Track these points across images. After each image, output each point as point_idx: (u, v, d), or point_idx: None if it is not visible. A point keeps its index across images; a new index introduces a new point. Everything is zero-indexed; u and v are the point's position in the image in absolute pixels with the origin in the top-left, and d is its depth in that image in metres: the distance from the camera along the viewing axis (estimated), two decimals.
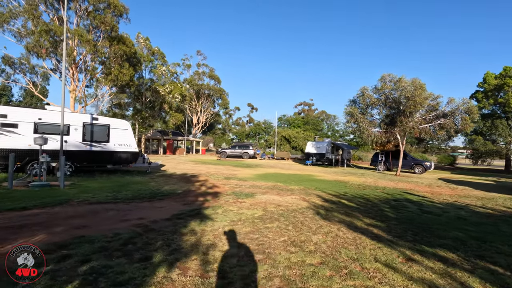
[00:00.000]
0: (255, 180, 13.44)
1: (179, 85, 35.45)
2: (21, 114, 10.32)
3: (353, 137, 44.87)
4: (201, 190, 9.80)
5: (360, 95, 19.23)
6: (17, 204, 6.48)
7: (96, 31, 21.40)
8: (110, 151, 12.22)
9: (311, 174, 17.61)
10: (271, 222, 5.82)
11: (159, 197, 8.07)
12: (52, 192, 8.04)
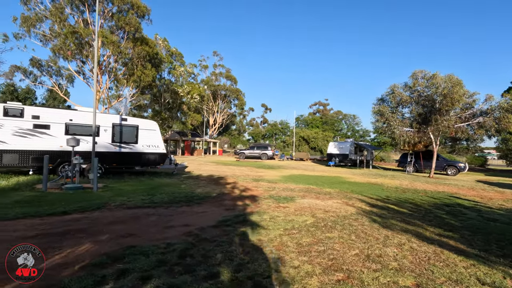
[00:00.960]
0: (285, 182, 12.90)
1: (197, 85, 35.37)
2: (53, 115, 10.20)
3: (374, 137, 43.57)
4: (236, 193, 9.36)
5: (390, 93, 18.34)
6: (56, 209, 6.21)
7: (119, 32, 21.50)
8: (139, 153, 11.98)
9: (339, 176, 16.90)
10: (329, 231, 5.26)
11: (196, 201, 7.66)
12: (87, 196, 7.78)
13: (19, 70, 21.42)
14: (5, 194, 7.52)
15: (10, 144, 9.40)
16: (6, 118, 9.37)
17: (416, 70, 17.60)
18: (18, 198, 7.15)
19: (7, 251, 3.61)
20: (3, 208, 6.09)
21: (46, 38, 20.34)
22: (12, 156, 9.39)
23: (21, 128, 9.59)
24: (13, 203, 6.61)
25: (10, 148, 9.38)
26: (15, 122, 9.51)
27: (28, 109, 9.82)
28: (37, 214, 5.77)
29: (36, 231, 4.82)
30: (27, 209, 6.12)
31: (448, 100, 15.47)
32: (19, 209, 6.10)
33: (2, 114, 9.32)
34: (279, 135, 55.57)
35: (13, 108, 9.52)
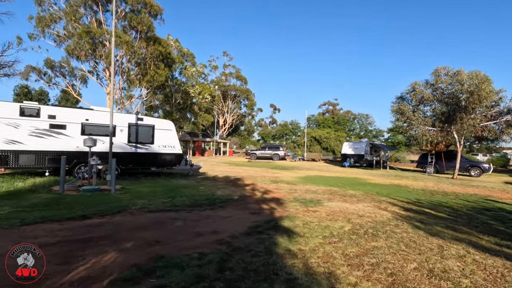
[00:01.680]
0: (305, 183, 12.40)
1: (208, 85, 35.13)
2: (69, 114, 9.96)
3: (388, 137, 42.54)
4: (258, 195, 8.92)
5: (410, 90, 17.62)
6: (75, 212, 5.88)
7: (132, 32, 21.37)
8: (155, 153, 11.66)
9: (358, 177, 16.29)
10: (373, 239, 4.76)
11: (219, 204, 7.25)
12: (105, 198, 7.45)
13: (34, 70, 21.53)
14: (23, 196, 7.26)
15: (27, 144, 9.18)
16: (22, 118, 9.16)
17: (439, 67, 16.85)
18: (36, 200, 6.87)
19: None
20: (21, 212, 5.79)
21: (60, 39, 20.36)
22: (28, 156, 9.17)
23: (37, 128, 9.37)
24: (31, 206, 6.32)
25: (26, 149, 9.17)
26: (32, 122, 9.30)
27: (45, 108, 9.60)
28: (56, 218, 5.44)
29: (57, 237, 4.48)
30: (45, 212, 5.81)
31: (475, 98, 14.68)
32: (37, 212, 5.79)
33: (19, 114, 9.12)
34: (290, 135, 54.90)
35: (29, 107, 9.31)
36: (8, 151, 8.90)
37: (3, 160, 8.81)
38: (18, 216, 5.47)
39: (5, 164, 8.88)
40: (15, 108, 9.09)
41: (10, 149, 8.93)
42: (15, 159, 9.00)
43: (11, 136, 8.95)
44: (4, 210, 5.84)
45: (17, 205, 6.36)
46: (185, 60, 33.73)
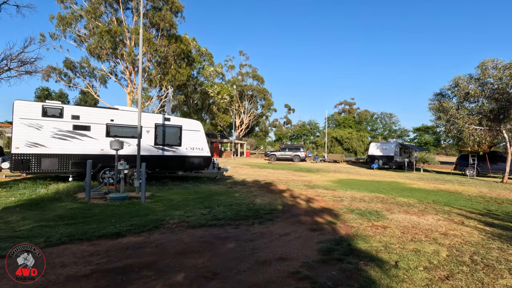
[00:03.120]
0: (344, 189, 11.24)
1: (226, 85, 34.32)
2: (93, 115, 9.21)
3: (414, 137, 40.49)
4: (302, 205, 7.87)
5: (453, 86, 16.11)
6: (106, 227, 5.00)
7: (152, 30, 20.76)
8: (182, 156, 10.79)
9: (397, 181, 14.95)
10: (494, 273, 3.62)
11: (266, 217, 6.24)
12: (136, 208, 6.58)
13: (54, 71, 21.30)
14: (46, 206, 6.48)
15: (49, 147, 8.48)
16: (45, 118, 8.46)
17: (486, 59, 15.29)
18: (60, 211, 6.06)
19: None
20: (45, 227, 4.96)
21: (80, 39, 20.00)
22: (51, 160, 8.47)
23: (60, 129, 8.65)
24: (55, 219, 5.50)
25: (49, 152, 8.46)
26: (54, 123, 8.59)
27: (68, 108, 8.89)
28: (86, 236, 4.57)
29: (90, 265, 3.58)
30: (72, 228, 4.95)
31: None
32: (63, 228, 4.94)
33: (41, 114, 8.42)
34: (308, 135, 53.46)
35: (52, 107, 8.61)
36: (30, 154, 8.21)
37: (25, 165, 8.12)
38: (41, 233, 4.64)
39: (27, 169, 8.19)
40: (38, 108, 8.40)
41: (32, 153, 8.24)
42: (37, 163, 8.30)
43: (33, 138, 8.26)
44: (26, 225, 5.03)
45: (40, 217, 5.55)
46: (203, 59, 33.05)
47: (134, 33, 18.45)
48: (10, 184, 8.83)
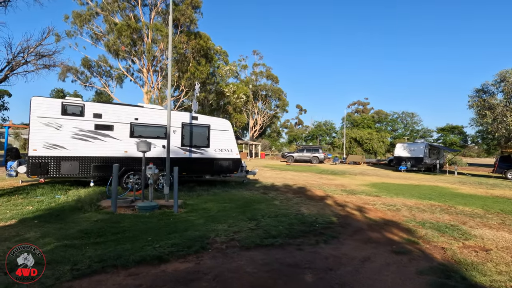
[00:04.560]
0: (387, 195, 10.08)
1: (242, 85, 33.40)
2: (116, 113, 8.35)
3: (437, 137, 38.64)
4: (356, 215, 6.78)
5: (498, 81, 14.68)
6: (143, 248, 4.05)
7: None
8: (210, 158, 9.83)
9: (439, 186, 13.66)
10: None
11: (328, 233, 5.18)
12: (171, 221, 5.61)
13: (71, 70, 20.82)
14: (67, 217, 5.59)
15: (70, 149, 7.64)
16: (64, 117, 7.63)
17: None
18: (85, 225, 5.14)
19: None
20: (70, 247, 4.03)
21: (97, 36, 19.45)
22: (71, 164, 7.62)
23: (81, 129, 7.81)
24: (80, 235, 4.58)
25: (69, 155, 7.62)
26: (75, 122, 7.75)
27: (89, 106, 8.04)
28: (121, 261, 3.61)
29: None
30: (102, 249, 4.01)
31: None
32: (91, 249, 4.01)
33: (60, 112, 7.59)
34: (324, 136, 52.00)
35: (72, 104, 7.77)
36: (48, 157, 7.38)
37: (43, 169, 7.30)
38: (66, 256, 3.71)
39: (45, 174, 7.35)
40: (57, 106, 7.57)
41: (51, 155, 7.40)
42: (56, 167, 7.47)
43: (52, 139, 7.43)
44: (47, 245, 4.11)
45: (62, 233, 4.64)
46: (218, 58, 32.23)
47: (154, 29, 17.69)
48: (27, 189, 8.04)
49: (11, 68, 13.67)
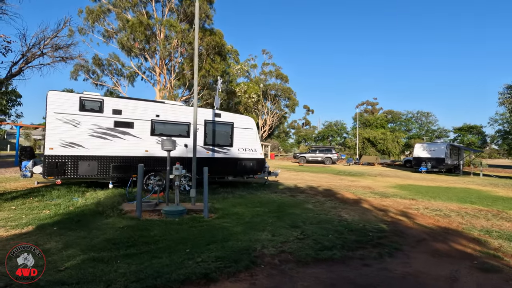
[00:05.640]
0: (424, 198, 9.36)
1: (253, 84, 32.79)
2: (137, 109, 7.77)
3: (454, 137, 37.40)
4: (405, 222, 6.09)
5: None
6: (184, 263, 3.43)
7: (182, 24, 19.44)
8: (234, 158, 9.21)
9: (472, 188, 12.85)
10: None
11: (389, 245, 4.50)
12: (205, 228, 4.98)
13: (82, 68, 20.46)
14: (90, 224, 5.01)
15: (88, 148, 7.08)
16: (82, 113, 7.08)
17: None
18: (110, 233, 4.55)
19: None
20: (99, 262, 3.43)
21: (108, 34, 19.04)
22: (90, 164, 7.07)
23: (100, 126, 7.25)
24: (108, 246, 3.98)
25: (87, 154, 7.07)
26: (93, 119, 7.20)
27: (109, 101, 7.48)
28: (162, 281, 3.01)
29: None
30: (137, 264, 3.40)
31: None
32: (123, 263, 3.40)
33: (78, 108, 7.05)
34: (334, 136, 51.05)
35: (91, 100, 7.22)
36: (65, 156, 6.83)
37: (60, 169, 6.75)
38: (96, 274, 3.10)
39: (62, 174, 6.81)
40: (74, 101, 7.02)
41: (68, 155, 6.86)
42: (74, 167, 6.92)
43: (70, 137, 6.88)
44: (71, 258, 3.51)
45: (87, 243, 4.05)
46: (229, 57, 31.68)
47: (167, 25, 17.16)
48: (41, 191, 7.51)
49: (26, 60, 13.19)
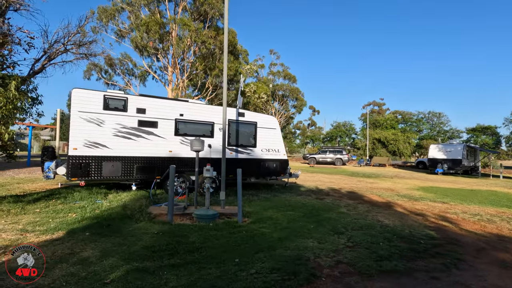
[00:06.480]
0: (455, 201, 8.96)
1: (262, 84, 32.45)
2: (161, 108, 7.49)
3: (467, 138, 36.68)
4: (449, 227, 5.72)
5: None
6: (237, 277, 3.12)
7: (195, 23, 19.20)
8: (257, 159, 8.88)
9: (498, 191, 12.39)
10: None
11: (446, 254, 4.15)
12: (245, 235, 4.66)
13: (95, 68, 20.34)
14: (121, 229, 4.71)
15: (112, 148, 6.81)
16: (106, 112, 6.81)
17: None
18: (147, 239, 4.24)
19: None
20: (145, 273, 3.12)
21: (121, 33, 18.88)
22: (114, 165, 6.79)
23: (124, 126, 6.98)
24: (148, 254, 3.67)
25: (112, 154, 6.79)
26: (117, 118, 6.93)
27: (132, 100, 7.20)
28: None
29: None
30: (185, 276, 3.10)
31: None
32: (171, 275, 3.09)
33: (102, 106, 6.78)
34: (343, 137, 50.45)
35: (115, 98, 6.95)
36: (89, 157, 6.55)
37: (84, 170, 6.47)
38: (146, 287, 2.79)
39: (86, 176, 6.53)
40: (99, 99, 6.75)
41: (92, 155, 6.58)
42: (98, 168, 6.64)
43: (94, 137, 6.61)
44: (114, 269, 3.21)
45: (126, 251, 3.74)
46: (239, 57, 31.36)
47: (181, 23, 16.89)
48: (63, 193, 7.26)
49: (49, 57, 12.98)
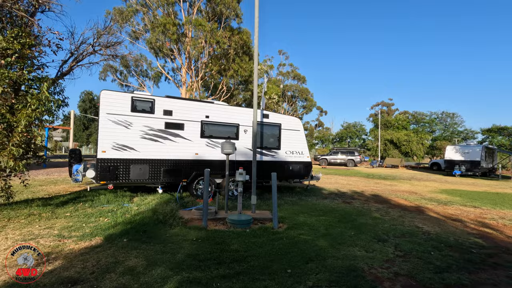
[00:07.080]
0: (481, 204, 8.67)
1: (273, 85, 32.25)
2: (187, 110, 7.36)
3: (482, 139, 35.86)
4: (495, 234, 5.46)
5: None
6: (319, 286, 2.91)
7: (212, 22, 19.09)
8: (282, 162, 8.70)
9: None
10: None
11: (506, 265, 3.89)
12: (286, 242, 4.48)
13: (111, 69, 20.46)
14: (159, 235, 4.57)
15: (140, 151, 6.70)
16: (134, 114, 6.71)
17: None
18: (188, 247, 4.09)
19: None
20: (196, 284, 2.96)
21: (135, 35, 18.92)
22: (141, 168, 6.68)
23: (151, 128, 6.87)
24: (195, 263, 3.52)
25: (139, 157, 6.68)
26: (145, 120, 6.82)
27: (159, 101, 7.09)
28: None
29: None
30: None
31: None
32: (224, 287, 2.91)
33: (130, 108, 6.68)
34: (353, 138, 49.92)
35: (142, 99, 6.84)
36: (118, 160, 6.46)
37: (112, 173, 6.38)
38: None
39: (114, 179, 6.43)
40: (126, 101, 6.65)
41: (120, 158, 6.48)
42: (126, 171, 6.54)
43: (122, 140, 6.51)
44: (167, 280, 3.06)
45: (171, 260, 3.60)
46: None
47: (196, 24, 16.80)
48: (88, 196, 7.19)
49: (76, 58, 13.01)
